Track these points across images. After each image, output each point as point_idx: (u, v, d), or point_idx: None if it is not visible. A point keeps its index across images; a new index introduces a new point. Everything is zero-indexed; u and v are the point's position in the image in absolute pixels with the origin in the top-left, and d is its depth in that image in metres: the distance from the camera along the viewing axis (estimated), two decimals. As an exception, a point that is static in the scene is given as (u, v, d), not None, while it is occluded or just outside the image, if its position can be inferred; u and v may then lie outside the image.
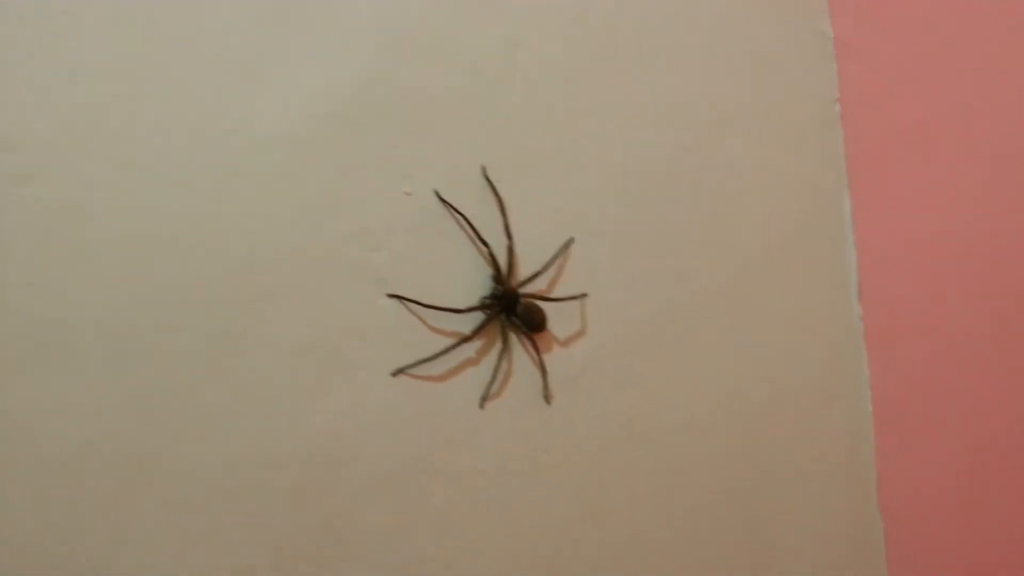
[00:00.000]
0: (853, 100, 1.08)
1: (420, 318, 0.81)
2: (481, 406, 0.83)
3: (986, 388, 0.95)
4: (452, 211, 0.82)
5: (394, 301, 0.80)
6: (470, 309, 0.82)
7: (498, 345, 0.84)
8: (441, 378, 0.82)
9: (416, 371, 0.80)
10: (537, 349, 0.86)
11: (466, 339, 0.81)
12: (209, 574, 0.72)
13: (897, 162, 1.04)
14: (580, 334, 0.89)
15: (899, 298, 1.04)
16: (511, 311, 0.83)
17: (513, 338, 0.85)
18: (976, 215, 0.96)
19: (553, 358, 0.87)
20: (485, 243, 0.82)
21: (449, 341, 0.81)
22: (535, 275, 0.86)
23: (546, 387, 0.86)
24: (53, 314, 0.68)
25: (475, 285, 0.83)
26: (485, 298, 0.83)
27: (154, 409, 0.70)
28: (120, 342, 0.70)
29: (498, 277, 0.83)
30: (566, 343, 0.88)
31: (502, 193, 0.85)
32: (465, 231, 0.83)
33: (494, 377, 0.83)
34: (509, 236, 0.84)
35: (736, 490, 0.96)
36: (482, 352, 0.84)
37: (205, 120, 0.74)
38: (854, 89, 1.08)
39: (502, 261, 0.84)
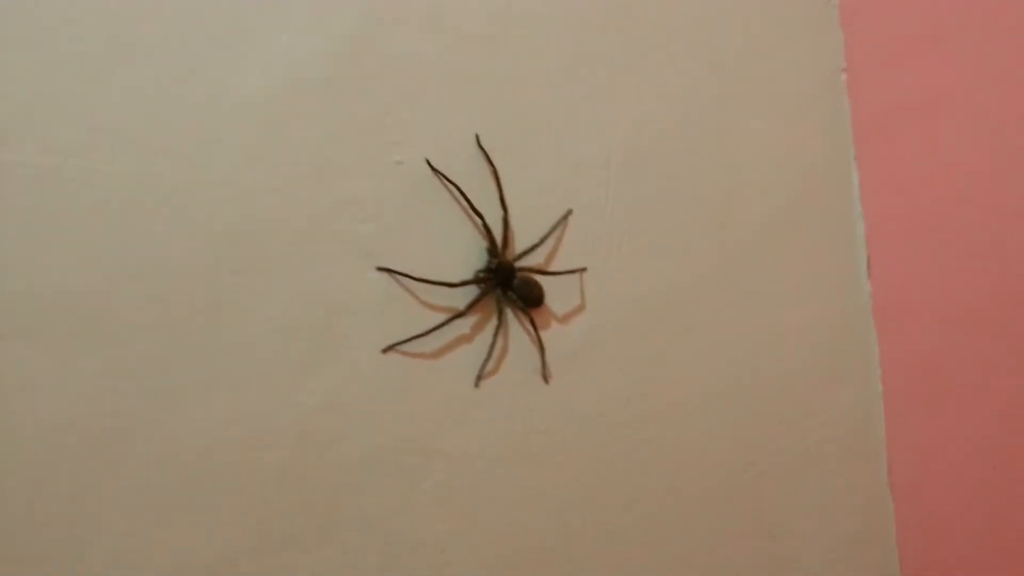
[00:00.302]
0: (860, 69, 1.05)
1: (412, 293, 0.78)
2: (476, 384, 0.80)
3: (999, 366, 0.93)
4: (444, 181, 0.79)
5: (384, 275, 0.77)
6: (464, 283, 0.78)
7: (493, 321, 0.81)
8: (434, 355, 0.79)
9: (408, 348, 0.77)
10: (535, 325, 0.82)
11: (460, 314, 0.78)
12: (190, 561, 0.69)
13: (906, 133, 1.01)
14: (579, 310, 0.86)
15: (909, 274, 1.01)
16: (507, 285, 0.80)
17: (509, 314, 0.82)
18: (988, 187, 0.93)
19: (551, 334, 0.84)
20: (479, 214, 0.79)
21: (442, 317, 0.78)
22: (532, 248, 0.83)
23: (544, 365, 0.83)
24: (22, 287, 0.64)
25: (469, 258, 0.80)
26: (480, 271, 0.79)
27: (130, 388, 0.67)
28: (94, 316, 0.66)
29: (493, 250, 0.80)
30: (565, 319, 0.85)
31: (497, 162, 0.81)
32: (458, 202, 0.80)
33: (489, 354, 0.80)
34: (504, 207, 0.81)
35: (742, 472, 0.93)
36: (477, 328, 0.81)
37: (183, 83, 0.70)
38: (861, 58, 1.05)
39: (497, 233, 0.80)
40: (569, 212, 0.85)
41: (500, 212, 0.81)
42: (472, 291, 0.79)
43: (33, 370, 0.64)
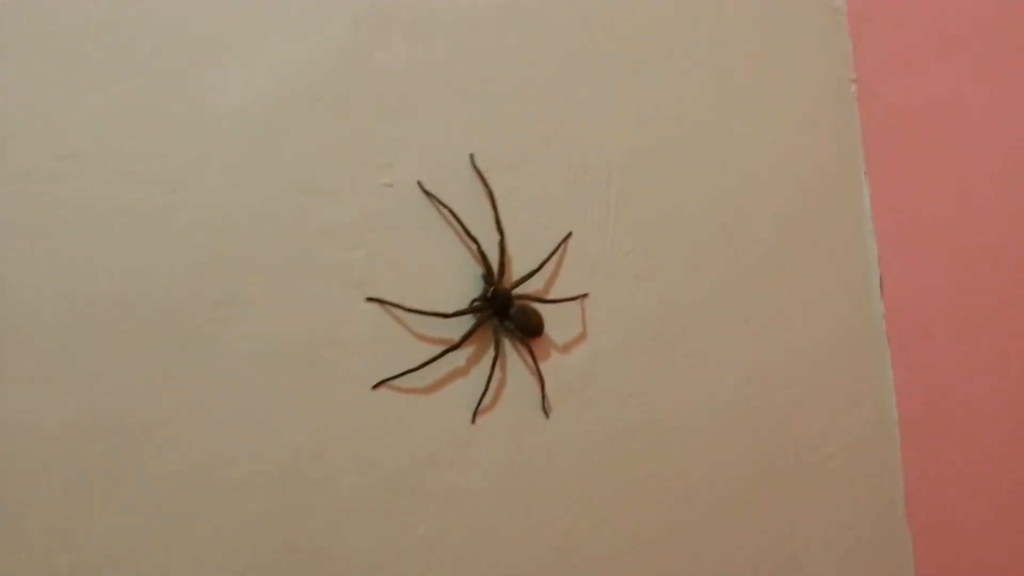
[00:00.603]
0: (870, 79, 1.02)
1: (403, 324, 0.74)
2: (472, 420, 0.77)
3: (1019, 388, 0.89)
4: (437, 204, 0.76)
5: (374, 305, 0.73)
6: (458, 313, 0.75)
7: (490, 353, 0.77)
8: (427, 390, 0.75)
9: (400, 383, 0.74)
10: (534, 356, 0.79)
11: (454, 347, 0.75)
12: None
13: (918, 146, 0.98)
14: (580, 339, 0.83)
15: (924, 293, 0.98)
16: (504, 315, 0.77)
17: (507, 344, 0.79)
18: (1005, 201, 0.90)
19: (551, 366, 0.81)
20: (474, 239, 0.76)
21: (436, 349, 0.75)
22: (530, 274, 0.80)
23: (544, 398, 0.80)
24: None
25: (464, 286, 0.77)
26: (475, 300, 0.77)
27: (110, 426, 0.64)
28: (70, 351, 0.63)
29: (489, 277, 0.77)
30: (565, 349, 0.82)
31: (492, 183, 0.78)
32: (452, 226, 0.77)
33: (486, 388, 0.77)
34: (501, 231, 0.78)
35: (754, 503, 0.91)
36: (472, 361, 0.77)
37: (159, 102, 0.66)
38: (871, 67, 1.02)
39: (493, 259, 0.77)
40: (569, 235, 0.82)
41: (496, 236, 0.78)
42: (467, 321, 0.76)
43: (3, 409, 0.60)
